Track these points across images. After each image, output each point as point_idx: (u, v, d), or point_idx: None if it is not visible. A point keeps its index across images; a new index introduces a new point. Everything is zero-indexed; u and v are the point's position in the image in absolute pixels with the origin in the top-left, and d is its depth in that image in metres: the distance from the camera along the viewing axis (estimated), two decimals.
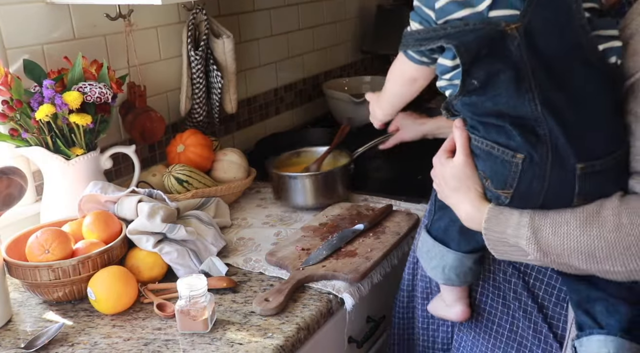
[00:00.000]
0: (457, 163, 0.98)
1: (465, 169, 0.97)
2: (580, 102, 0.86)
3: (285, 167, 1.70)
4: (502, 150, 0.90)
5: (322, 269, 1.27)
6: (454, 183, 0.99)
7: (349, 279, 1.24)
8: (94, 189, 1.33)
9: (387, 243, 1.38)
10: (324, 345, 1.23)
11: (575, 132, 0.86)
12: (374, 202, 1.61)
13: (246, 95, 2.09)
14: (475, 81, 0.87)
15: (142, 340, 1.10)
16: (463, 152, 0.97)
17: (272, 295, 1.18)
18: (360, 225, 1.43)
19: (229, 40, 1.74)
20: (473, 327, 1.19)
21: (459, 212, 1.00)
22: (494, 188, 0.94)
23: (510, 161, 0.89)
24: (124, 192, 1.34)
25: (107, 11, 1.52)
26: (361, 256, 1.32)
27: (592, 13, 0.86)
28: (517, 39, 0.84)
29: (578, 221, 0.88)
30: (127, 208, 1.32)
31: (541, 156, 0.88)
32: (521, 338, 1.13)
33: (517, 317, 1.13)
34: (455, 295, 1.15)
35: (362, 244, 1.38)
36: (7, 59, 1.37)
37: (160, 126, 1.62)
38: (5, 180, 1.14)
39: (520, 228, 0.92)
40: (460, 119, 0.97)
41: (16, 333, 1.14)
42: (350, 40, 2.68)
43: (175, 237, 1.29)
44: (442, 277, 1.09)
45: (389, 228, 1.45)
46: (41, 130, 1.32)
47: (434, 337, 1.31)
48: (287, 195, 1.60)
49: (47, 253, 1.18)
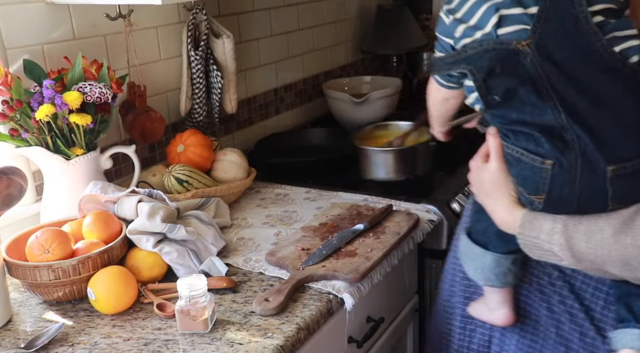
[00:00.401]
0: (492, 168, 1.01)
1: (499, 174, 0.99)
2: (605, 106, 0.87)
3: (369, 139, 1.78)
4: (532, 157, 0.92)
5: (322, 269, 1.27)
6: (489, 188, 1.02)
7: (349, 279, 1.24)
8: (94, 189, 1.33)
9: (387, 244, 1.37)
10: (324, 345, 1.23)
11: (603, 136, 0.87)
12: (374, 202, 1.61)
13: (246, 95, 2.09)
14: (497, 96, 0.92)
15: (142, 340, 1.10)
16: (497, 158, 1.00)
17: (272, 295, 1.18)
18: (360, 225, 1.43)
19: (229, 40, 1.74)
20: (517, 331, 1.18)
21: (494, 216, 1.02)
22: (527, 193, 0.96)
23: (540, 167, 0.92)
24: (124, 192, 1.34)
25: (107, 11, 1.52)
26: (361, 256, 1.32)
27: (606, 15, 0.87)
28: (530, 54, 0.87)
29: (612, 229, 0.88)
30: (127, 208, 1.32)
31: (570, 162, 0.89)
32: (567, 341, 1.12)
33: (562, 320, 1.12)
34: (498, 298, 1.14)
35: (362, 244, 1.38)
36: (7, 59, 1.37)
37: (160, 126, 1.62)
38: (5, 180, 1.14)
39: (553, 234, 0.92)
40: (494, 127, 1.01)
41: (16, 333, 1.14)
42: (350, 40, 2.67)
43: (175, 237, 1.29)
44: (482, 278, 1.10)
45: (389, 228, 1.45)
46: (41, 130, 1.32)
47: (470, 337, 1.29)
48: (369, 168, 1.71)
49: (47, 253, 1.17)
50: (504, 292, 1.14)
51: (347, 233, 1.41)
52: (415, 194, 1.64)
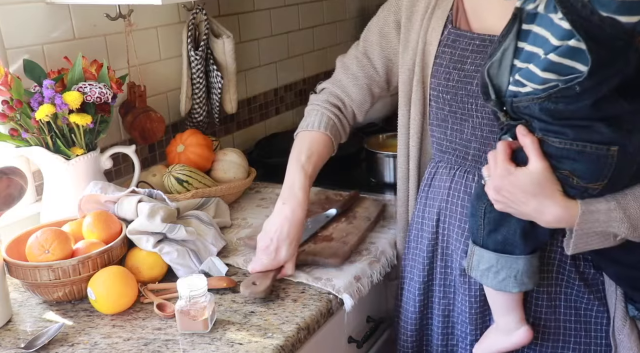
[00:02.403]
0: (536, 168, 0.97)
1: (546, 173, 0.97)
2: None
3: (381, 147, 1.85)
4: (596, 147, 0.93)
5: (302, 254, 1.30)
6: (533, 190, 0.98)
7: (331, 263, 1.28)
8: (94, 189, 1.33)
9: (361, 228, 1.43)
10: (324, 345, 1.23)
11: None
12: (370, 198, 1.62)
13: (246, 95, 2.09)
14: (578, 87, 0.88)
15: (142, 340, 1.10)
16: (539, 156, 0.97)
17: (259, 279, 1.20)
18: (332, 210, 1.49)
19: (229, 40, 1.74)
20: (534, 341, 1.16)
21: (543, 216, 1.00)
22: (584, 183, 0.96)
23: (605, 155, 0.92)
24: (124, 192, 1.34)
25: (107, 11, 1.52)
26: (338, 240, 1.37)
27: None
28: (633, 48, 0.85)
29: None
30: (127, 208, 1.32)
31: (634, 144, 0.92)
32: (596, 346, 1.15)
33: (588, 328, 1.14)
34: (515, 318, 1.12)
35: (336, 229, 1.42)
36: (7, 59, 1.37)
37: (160, 126, 1.62)
38: (5, 180, 1.14)
39: (610, 213, 0.96)
40: (523, 126, 0.98)
41: (16, 333, 1.14)
42: (350, 40, 2.65)
43: (175, 237, 1.29)
44: (517, 285, 1.07)
45: (359, 213, 1.51)
46: (41, 130, 1.32)
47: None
48: (378, 172, 1.80)
49: (47, 253, 1.17)
50: (519, 310, 1.12)
51: (320, 218, 1.46)
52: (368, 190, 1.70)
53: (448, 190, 1.23)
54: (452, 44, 1.20)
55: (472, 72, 1.15)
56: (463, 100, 1.17)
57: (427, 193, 1.29)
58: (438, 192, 1.25)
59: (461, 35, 1.19)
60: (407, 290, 1.32)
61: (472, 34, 1.18)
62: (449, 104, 1.20)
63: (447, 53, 1.20)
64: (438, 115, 1.23)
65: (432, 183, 1.28)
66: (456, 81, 1.18)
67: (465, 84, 1.16)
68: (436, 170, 1.27)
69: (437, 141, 1.26)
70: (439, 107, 1.22)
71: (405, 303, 1.32)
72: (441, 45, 1.22)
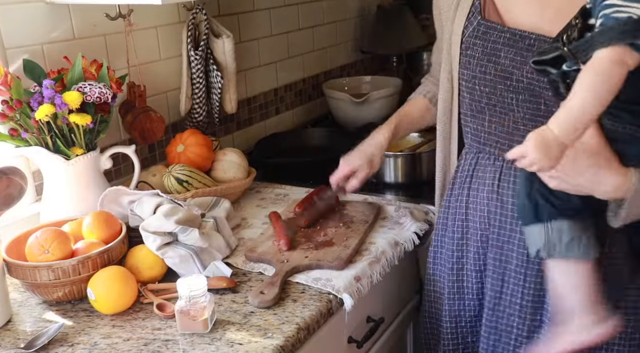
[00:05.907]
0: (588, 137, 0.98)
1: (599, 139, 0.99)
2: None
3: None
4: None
5: (305, 260, 1.30)
6: (589, 161, 0.99)
7: (335, 266, 1.29)
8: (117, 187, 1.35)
9: (360, 231, 1.43)
10: (324, 345, 1.23)
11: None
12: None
13: (246, 95, 2.09)
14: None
15: (142, 340, 1.10)
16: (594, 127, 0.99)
17: (266, 287, 1.20)
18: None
19: (229, 40, 1.74)
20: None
21: (603, 187, 1.00)
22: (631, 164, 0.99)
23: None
24: (147, 192, 1.34)
25: (107, 11, 1.52)
26: (339, 245, 1.37)
27: None
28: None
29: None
30: (147, 208, 1.32)
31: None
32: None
33: None
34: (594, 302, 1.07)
35: (335, 234, 1.43)
36: (7, 59, 1.37)
37: (160, 126, 1.62)
38: (5, 180, 1.13)
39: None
40: None
41: (16, 333, 1.14)
42: (350, 40, 2.67)
43: (185, 241, 1.28)
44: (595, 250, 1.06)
45: (356, 217, 1.51)
46: (41, 130, 1.32)
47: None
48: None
49: (47, 253, 1.17)
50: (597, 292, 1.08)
51: (327, 191, 1.52)
52: (415, 195, 1.68)
53: (498, 181, 1.24)
54: (482, 36, 1.22)
55: (508, 67, 1.17)
56: (503, 94, 1.19)
57: (470, 183, 1.30)
58: (483, 183, 1.27)
59: (492, 28, 1.21)
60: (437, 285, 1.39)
61: (503, 27, 1.19)
62: (487, 97, 1.22)
63: (478, 45, 1.22)
64: (473, 106, 1.25)
65: (474, 174, 1.29)
66: (493, 75, 1.19)
67: (503, 79, 1.18)
68: (477, 161, 1.29)
69: (473, 132, 1.28)
70: (474, 98, 1.24)
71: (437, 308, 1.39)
72: (471, 36, 1.23)
